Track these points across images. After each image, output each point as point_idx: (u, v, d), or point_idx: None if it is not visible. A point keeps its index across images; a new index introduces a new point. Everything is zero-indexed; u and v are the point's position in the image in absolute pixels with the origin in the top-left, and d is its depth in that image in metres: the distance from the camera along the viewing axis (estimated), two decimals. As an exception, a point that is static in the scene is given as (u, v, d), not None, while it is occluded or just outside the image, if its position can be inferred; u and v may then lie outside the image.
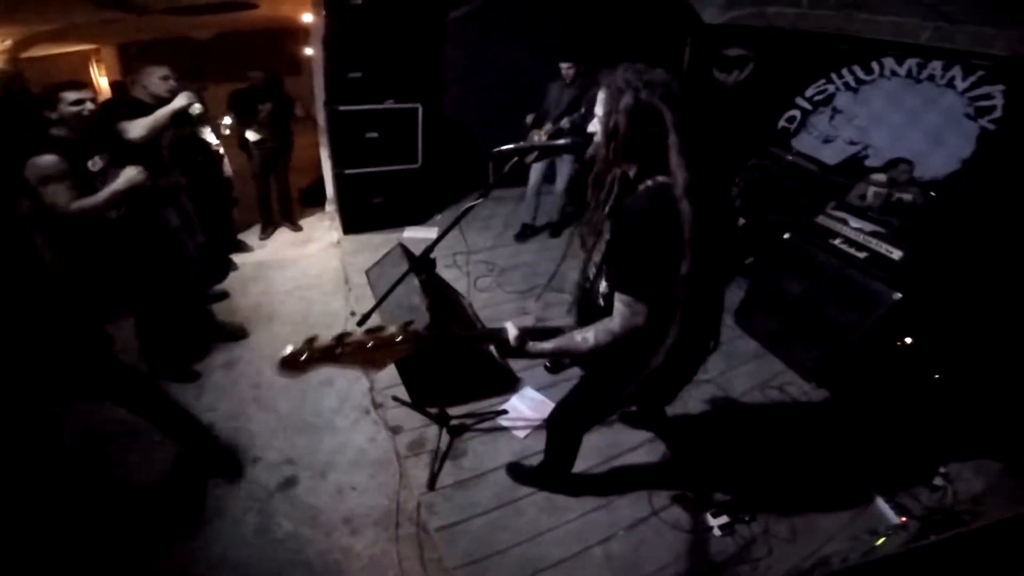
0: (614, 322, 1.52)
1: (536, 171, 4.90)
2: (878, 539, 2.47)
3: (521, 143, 2.07)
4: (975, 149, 3.61)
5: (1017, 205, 3.29)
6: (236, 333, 3.79)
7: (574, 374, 3.50)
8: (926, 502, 2.73)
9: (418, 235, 5.15)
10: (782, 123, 5.04)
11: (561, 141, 2.13)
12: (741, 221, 4.27)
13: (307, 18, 5.25)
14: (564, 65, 4.39)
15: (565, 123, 4.44)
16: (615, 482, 2.84)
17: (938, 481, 2.80)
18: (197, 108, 3.41)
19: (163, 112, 3.20)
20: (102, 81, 8.65)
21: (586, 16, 5.55)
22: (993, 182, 3.47)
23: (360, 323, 2.27)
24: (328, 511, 2.67)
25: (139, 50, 8.73)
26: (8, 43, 5.93)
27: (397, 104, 4.73)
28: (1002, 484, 2.79)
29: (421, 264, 2.36)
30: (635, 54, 5.14)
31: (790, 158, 4.62)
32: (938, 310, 3.16)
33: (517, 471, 2.86)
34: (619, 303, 1.51)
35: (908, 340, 3.06)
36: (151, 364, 3.32)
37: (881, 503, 2.70)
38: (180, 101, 3.27)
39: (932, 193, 3.67)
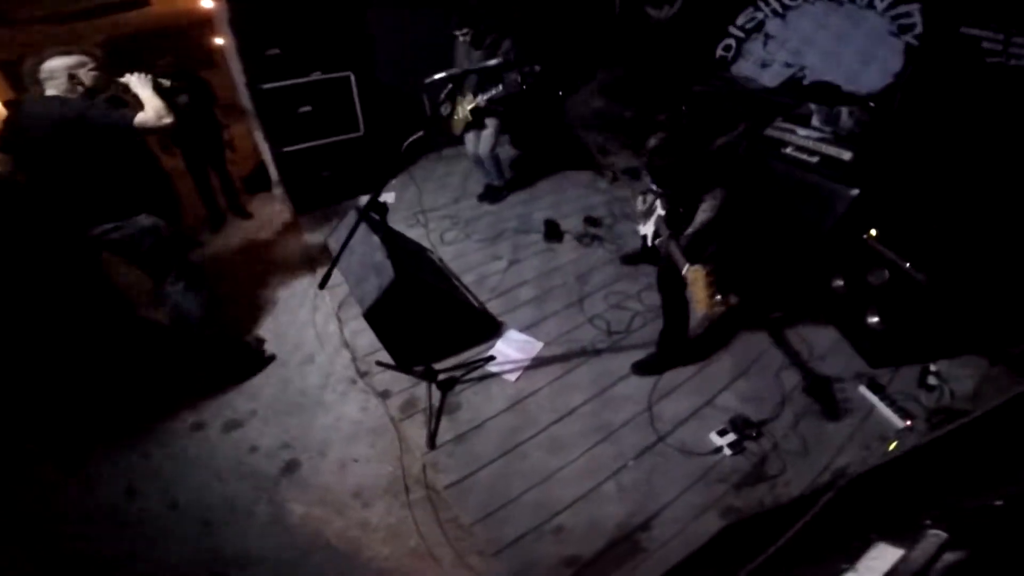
0: None
1: (470, 141, 4.61)
2: (890, 444, 2.45)
3: (453, 69, 1.89)
4: (904, 63, 3.63)
5: (947, 110, 3.34)
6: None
7: (552, 311, 3.39)
8: (925, 403, 2.69)
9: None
10: (719, 52, 4.95)
11: (493, 61, 1.98)
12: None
13: (207, 4, 4.73)
14: (461, 32, 3.99)
15: (481, 100, 4.08)
16: (614, 411, 2.75)
17: (932, 380, 2.76)
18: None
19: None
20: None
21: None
22: (923, 92, 3.51)
23: (321, 284, 2.08)
24: (336, 488, 2.52)
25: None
26: None
27: (325, 75, 4.44)
28: (993, 378, 2.79)
29: (371, 208, 2.14)
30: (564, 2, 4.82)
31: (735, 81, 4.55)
32: (895, 204, 3.13)
33: (644, 366, 2.92)
34: None
35: (873, 232, 3.00)
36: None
37: (883, 408, 2.66)
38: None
39: (871, 104, 3.67)
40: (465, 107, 4.26)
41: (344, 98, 4.62)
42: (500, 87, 3.94)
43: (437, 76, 1.93)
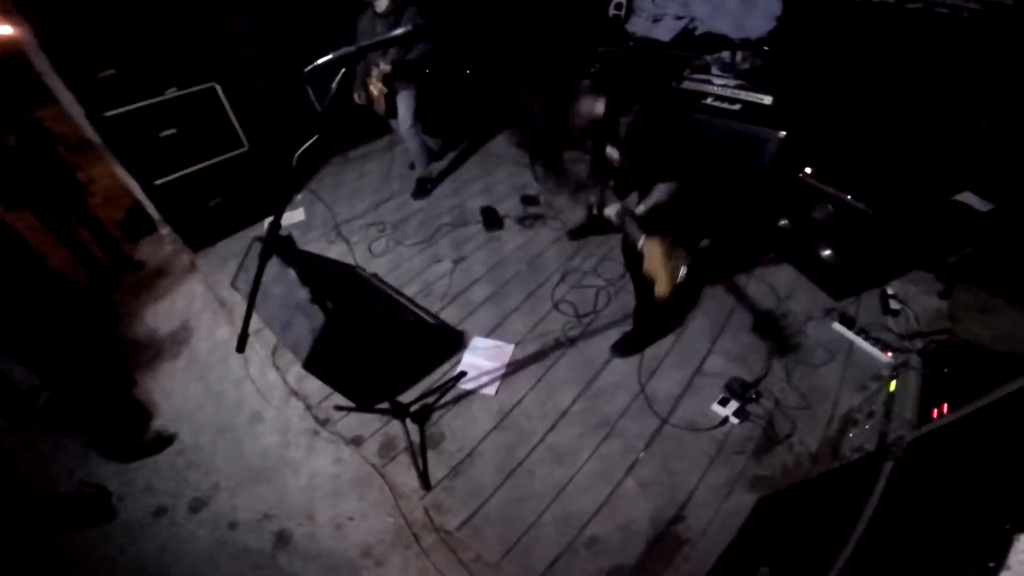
0: None
1: (396, 124, 4.29)
2: (888, 383, 2.45)
3: (342, 49, 1.55)
4: (783, 7, 3.73)
5: (830, 48, 3.50)
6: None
7: (513, 306, 3.17)
8: (897, 330, 2.74)
9: (283, 221, 4.34)
10: (611, 11, 4.88)
11: (400, 31, 1.64)
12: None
13: (5, 30, 3.93)
14: None
15: (384, 66, 3.84)
16: (607, 403, 2.61)
17: (894, 305, 2.83)
18: None
19: None
20: None
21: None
22: (804, 34, 3.66)
23: (239, 348, 1.73)
24: (340, 552, 2.25)
25: None
26: None
27: (184, 90, 3.82)
28: (957, 295, 2.88)
29: (272, 245, 1.77)
30: None
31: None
32: (820, 141, 3.27)
33: (624, 347, 2.79)
34: None
35: (808, 170, 3.01)
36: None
37: (861, 343, 2.68)
38: None
39: (765, 48, 3.79)
40: (376, 82, 3.94)
41: (215, 112, 4.02)
42: (407, 50, 3.74)
43: (322, 60, 1.56)
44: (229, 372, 3.15)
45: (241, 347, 1.76)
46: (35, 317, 2.73)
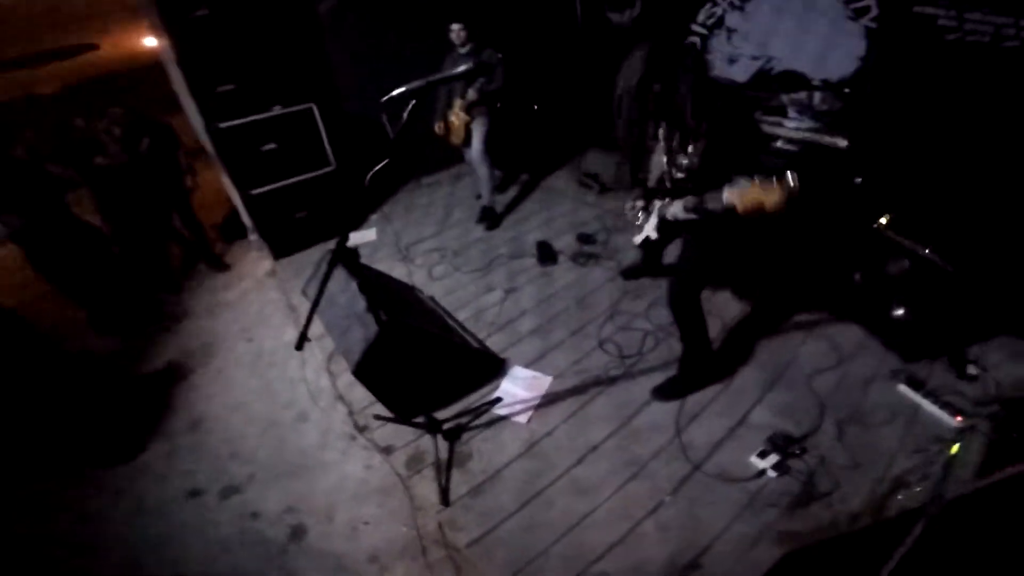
0: None
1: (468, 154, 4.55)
2: (951, 447, 2.25)
3: (413, 83, 1.70)
4: (867, 46, 3.54)
5: (919, 90, 3.25)
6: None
7: (557, 341, 3.20)
8: (971, 395, 2.52)
9: (356, 240, 4.67)
10: None
11: (460, 68, 1.78)
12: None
13: (151, 43, 4.56)
14: (455, 27, 3.99)
15: (471, 94, 4.12)
16: (640, 444, 2.55)
17: (972, 370, 2.60)
18: None
19: None
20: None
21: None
22: (893, 75, 3.42)
23: (298, 345, 1.89)
24: (349, 553, 2.31)
25: None
26: None
27: (286, 109, 4.26)
28: None
29: (340, 256, 1.94)
30: (525, 10, 4.85)
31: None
32: (901, 189, 3.09)
33: (666, 391, 2.74)
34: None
35: (884, 220, 2.88)
36: None
37: (928, 405, 2.49)
38: None
39: (846, 90, 3.60)
40: (459, 112, 4.18)
41: (310, 132, 4.45)
42: (489, 80, 4.01)
43: (396, 92, 1.74)
44: (287, 372, 3.38)
45: (300, 345, 1.95)
46: None
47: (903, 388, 2.59)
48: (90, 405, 3.16)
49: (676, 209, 2.24)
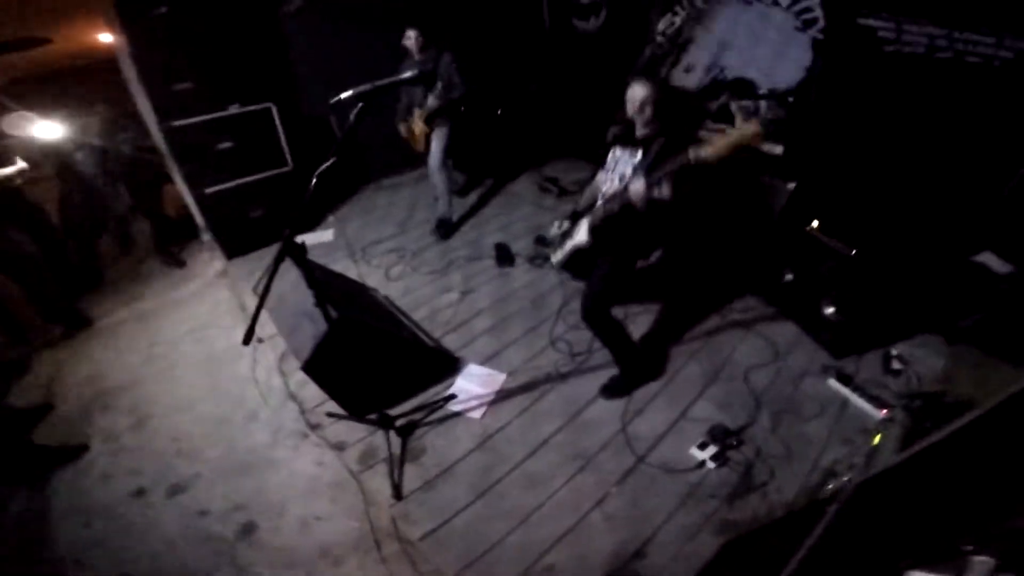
0: None
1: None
2: (873, 437, 2.42)
3: (361, 87, 1.79)
4: (813, 57, 3.73)
5: (858, 100, 3.43)
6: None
7: (511, 339, 3.28)
8: (895, 388, 2.72)
9: (313, 240, 4.65)
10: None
11: (407, 74, 1.89)
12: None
13: (106, 39, 4.50)
14: (411, 34, 4.00)
15: (432, 101, 4.13)
16: (588, 437, 2.65)
17: (896, 365, 2.80)
18: None
19: None
20: None
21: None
22: (835, 85, 3.60)
23: (245, 340, 1.92)
24: (301, 548, 2.32)
25: None
26: None
27: (244, 108, 4.24)
28: (959, 355, 2.84)
29: (287, 251, 1.99)
30: (491, 13, 4.91)
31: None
32: (832, 194, 3.25)
33: (611, 390, 2.84)
34: None
35: (815, 224, 3.07)
36: None
37: (855, 399, 2.66)
38: None
39: (790, 99, 3.79)
40: (418, 120, 4.20)
41: (267, 131, 4.43)
42: (449, 89, 4.01)
43: (344, 95, 1.81)
44: (237, 371, 3.35)
45: (247, 340, 1.96)
46: None
47: (833, 383, 2.77)
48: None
49: (637, 186, 2.25)
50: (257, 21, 4.28)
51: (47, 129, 3.91)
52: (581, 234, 2.69)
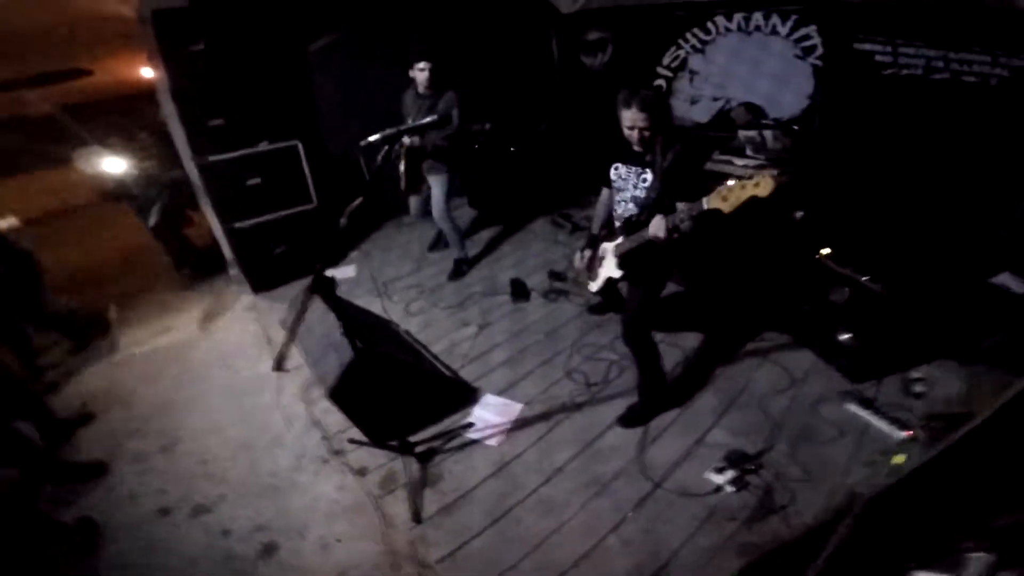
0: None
1: (414, 202, 4.74)
2: (896, 457, 2.45)
3: (387, 130, 1.98)
4: (815, 84, 3.86)
5: (861, 124, 3.54)
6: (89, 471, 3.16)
7: (527, 371, 3.38)
8: (918, 411, 2.75)
9: (336, 276, 4.82)
10: None
11: (428, 119, 2.08)
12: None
13: (147, 73, 4.84)
14: (419, 66, 3.94)
15: (414, 140, 4.07)
16: (603, 464, 2.73)
17: (918, 388, 2.84)
18: None
19: None
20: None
21: (447, 21, 5.52)
22: (837, 110, 3.72)
23: (276, 367, 2.08)
24: (319, 569, 2.40)
25: None
26: None
27: (272, 145, 4.48)
28: (979, 375, 2.88)
29: (317, 285, 2.16)
30: (502, 52, 5.08)
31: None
32: (841, 221, 3.36)
33: (629, 419, 2.92)
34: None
35: (825, 251, 3.17)
36: None
37: (877, 421, 2.70)
38: None
39: (795, 127, 3.89)
40: (403, 155, 4.19)
41: (293, 168, 4.64)
42: (441, 131, 3.97)
43: (373, 138, 2.01)
44: (262, 399, 3.48)
45: (277, 366, 2.10)
46: None
47: (852, 407, 2.81)
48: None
49: (656, 229, 2.38)
50: (286, 59, 4.50)
51: (113, 164, 4.37)
52: (611, 266, 2.83)
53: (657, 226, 2.38)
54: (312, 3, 4.75)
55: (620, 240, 2.74)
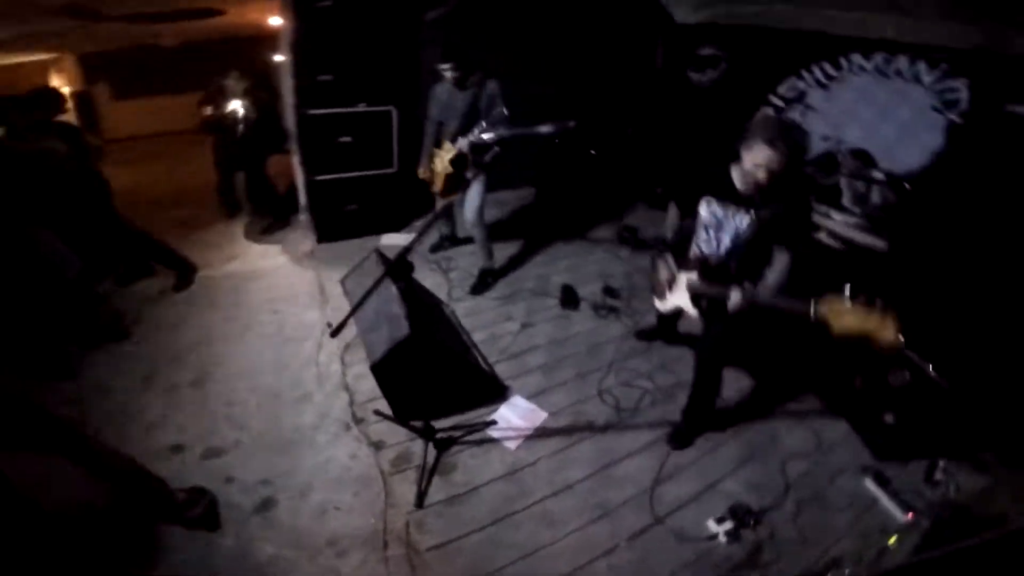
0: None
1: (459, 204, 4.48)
2: (890, 538, 2.44)
3: (501, 131, 2.02)
4: (944, 142, 3.62)
5: (986, 195, 3.31)
6: (114, 331, 3.71)
7: (560, 381, 3.42)
8: (929, 497, 2.71)
9: (396, 242, 5.02)
10: None
11: (544, 129, 2.11)
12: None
13: (275, 21, 5.14)
14: (444, 66, 3.80)
15: (464, 144, 3.84)
16: (613, 490, 2.77)
17: (938, 476, 2.78)
18: None
19: None
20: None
21: (556, 16, 5.53)
22: (962, 174, 3.49)
23: (333, 333, 2.17)
24: (311, 532, 2.53)
25: (102, 60, 8.65)
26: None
27: (370, 107, 4.66)
28: (1004, 477, 2.80)
29: (397, 269, 2.24)
30: (601, 49, 4.99)
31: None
32: (924, 302, 3.17)
33: (678, 439, 2.99)
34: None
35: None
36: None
37: (885, 500, 2.69)
38: None
39: (907, 186, 3.70)
40: (444, 159, 4.02)
41: (383, 132, 4.84)
42: (488, 127, 3.66)
43: (486, 136, 2.06)
44: (301, 351, 3.68)
45: (335, 334, 2.23)
46: None
47: (868, 482, 2.80)
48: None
49: (735, 301, 2.34)
50: (401, 25, 4.66)
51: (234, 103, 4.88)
52: (684, 299, 2.77)
53: (735, 300, 2.34)
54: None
55: (695, 277, 2.68)
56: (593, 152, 5.58)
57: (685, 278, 2.73)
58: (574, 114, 4.09)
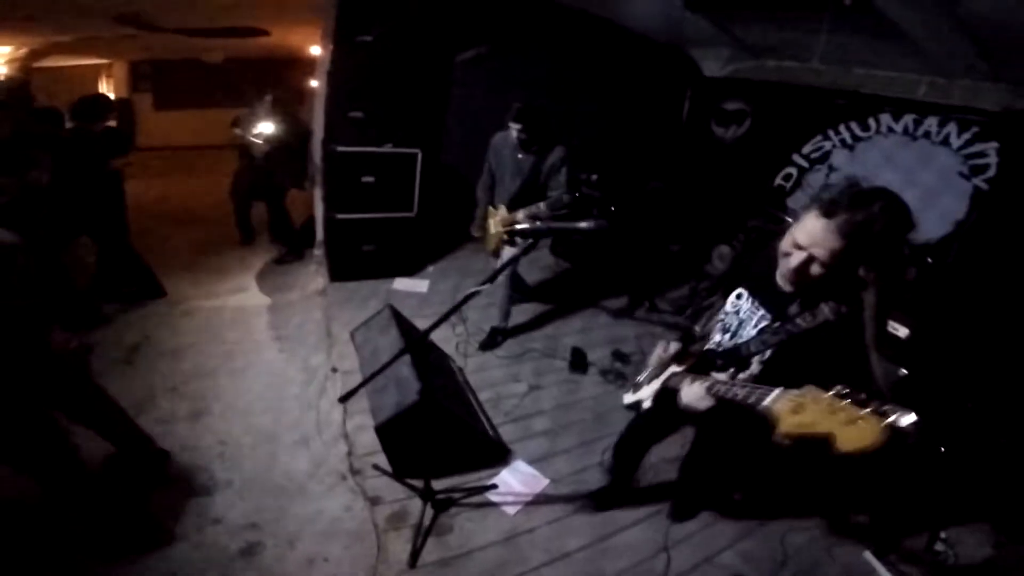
0: None
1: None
2: None
3: (538, 225, 2.10)
4: (968, 210, 3.60)
5: (1010, 268, 3.28)
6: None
7: (564, 447, 3.41)
8: (927, 569, 2.73)
9: (408, 288, 5.09)
10: (778, 181, 5.04)
11: (584, 225, 2.14)
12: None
13: (315, 51, 5.34)
14: (515, 126, 3.73)
15: (524, 219, 3.80)
16: (611, 560, 2.75)
17: (939, 547, 2.78)
18: None
19: None
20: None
21: (587, 64, 5.65)
22: (985, 245, 3.46)
23: (343, 400, 2.18)
24: None
25: (151, 68, 9.37)
26: (24, 51, 6.38)
27: (396, 148, 4.75)
28: (1004, 552, 2.81)
29: (415, 347, 2.30)
30: (626, 101, 5.05)
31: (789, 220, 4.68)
32: (937, 380, 3.15)
33: (682, 513, 2.99)
34: None
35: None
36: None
37: (881, 568, 2.70)
38: None
39: (928, 259, 3.53)
40: (498, 223, 4.08)
41: (407, 175, 4.92)
42: (545, 206, 3.70)
43: (522, 226, 2.11)
44: (303, 394, 3.69)
45: (344, 399, 2.25)
46: None
47: (867, 554, 2.80)
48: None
49: (690, 399, 1.88)
50: (436, 66, 4.78)
51: (262, 127, 5.03)
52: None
53: (692, 396, 1.87)
54: (470, 12, 4.91)
55: (684, 377, 2.07)
56: (613, 209, 5.61)
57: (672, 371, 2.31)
58: (594, 168, 4.12)
